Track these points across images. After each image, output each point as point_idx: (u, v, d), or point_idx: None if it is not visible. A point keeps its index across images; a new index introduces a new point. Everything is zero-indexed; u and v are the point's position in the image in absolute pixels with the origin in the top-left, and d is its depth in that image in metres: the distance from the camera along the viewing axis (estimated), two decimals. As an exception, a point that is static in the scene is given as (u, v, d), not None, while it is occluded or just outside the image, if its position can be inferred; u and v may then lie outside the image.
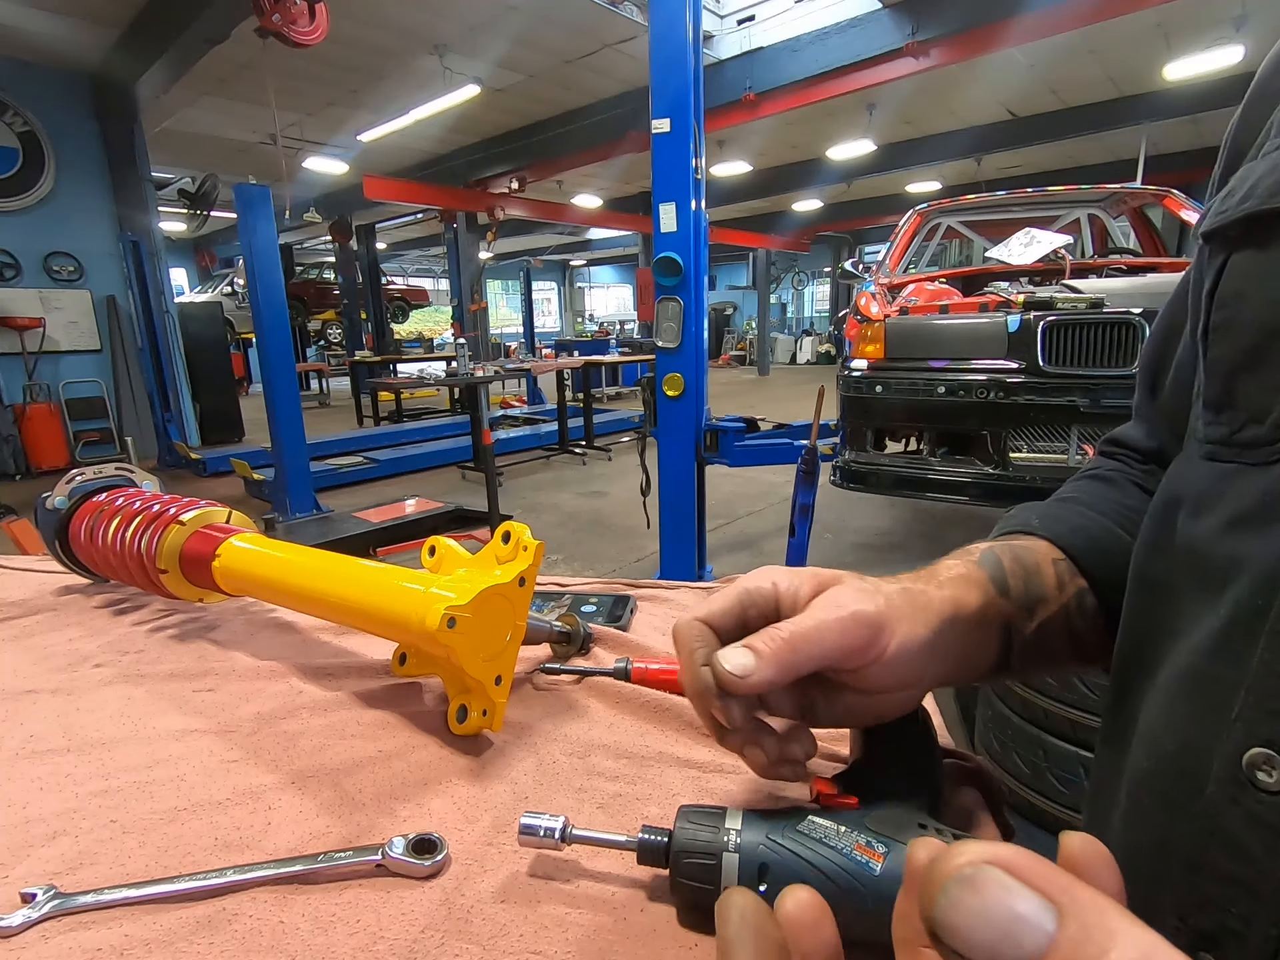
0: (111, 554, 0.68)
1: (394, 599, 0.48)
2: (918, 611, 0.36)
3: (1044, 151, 9.75)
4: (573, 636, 0.60)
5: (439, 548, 0.52)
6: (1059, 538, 0.41)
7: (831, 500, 3.62)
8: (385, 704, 0.53)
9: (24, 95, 6.11)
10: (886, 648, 0.34)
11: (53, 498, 0.75)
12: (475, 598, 0.44)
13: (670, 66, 2.48)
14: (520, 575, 0.47)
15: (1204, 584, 0.30)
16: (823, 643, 0.33)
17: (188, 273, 16.18)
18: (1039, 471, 2.29)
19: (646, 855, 0.33)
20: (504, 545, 0.49)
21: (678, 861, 0.32)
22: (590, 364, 7.30)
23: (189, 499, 0.72)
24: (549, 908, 0.34)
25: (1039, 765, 1.54)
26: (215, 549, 0.62)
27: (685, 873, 0.32)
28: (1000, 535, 0.44)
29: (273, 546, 0.61)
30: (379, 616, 0.49)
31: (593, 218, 13.29)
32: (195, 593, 0.67)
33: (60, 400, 6.48)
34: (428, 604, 0.45)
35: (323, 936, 0.32)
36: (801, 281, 21.24)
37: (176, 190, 7.89)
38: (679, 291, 2.64)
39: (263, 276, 4.23)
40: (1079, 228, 3.78)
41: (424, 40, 6.24)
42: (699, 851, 0.32)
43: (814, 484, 2.48)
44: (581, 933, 0.33)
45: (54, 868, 0.36)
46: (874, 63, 5.83)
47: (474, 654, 0.45)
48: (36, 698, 0.54)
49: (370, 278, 12.50)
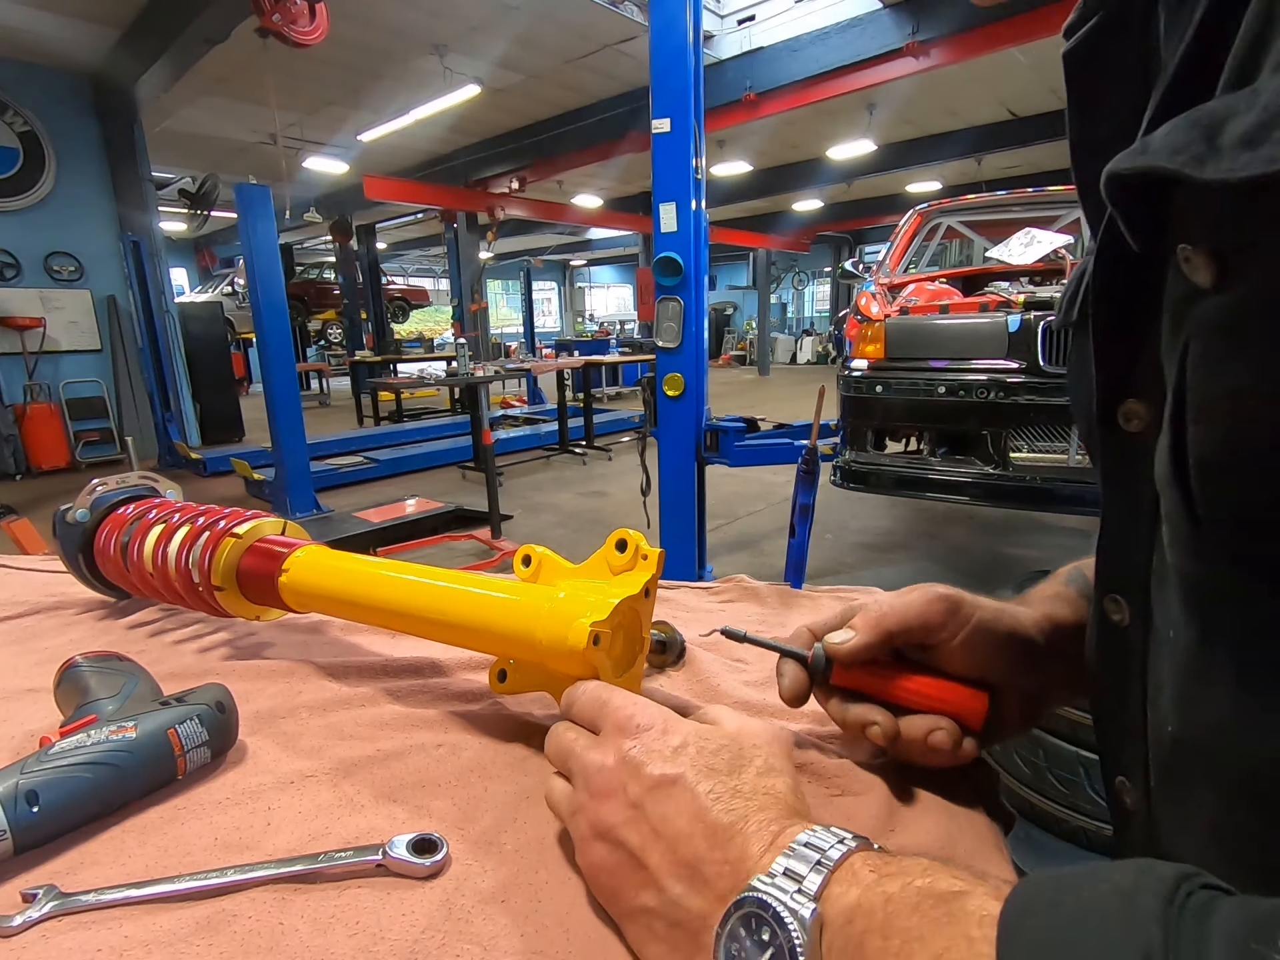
0: (150, 571, 0.64)
1: (518, 615, 0.45)
2: (1002, 614, 0.42)
3: (1044, 151, 9.73)
4: (669, 645, 0.57)
5: (534, 556, 0.49)
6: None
7: (832, 500, 3.62)
8: (385, 704, 0.53)
9: (24, 95, 6.11)
10: (963, 626, 0.40)
11: (73, 510, 0.69)
12: (614, 611, 0.42)
13: (670, 66, 2.48)
14: (645, 586, 0.45)
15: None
16: (905, 614, 0.41)
17: (188, 272, 16.18)
18: (1039, 471, 2.29)
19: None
20: (619, 554, 0.46)
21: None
22: (590, 364, 7.31)
23: (233, 509, 0.66)
24: (550, 907, 0.34)
25: (1039, 765, 1.54)
26: (280, 564, 0.58)
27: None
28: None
29: (346, 559, 0.57)
30: (498, 633, 0.46)
31: (593, 218, 13.30)
32: (253, 610, 0.63)
33: (60, 400, 6.48)
34: (568, 620, 0.42)
35: (322, 937, 0.32)
36: (802, 281, 21.24)
37: (177, 190, 7.90)
38: (679, 291, 2.64)
39: (263, 276, 4.23)
40: (1079, 228, 3.78)
41: (424, 40, 6.24)
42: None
43: (814, 484, 2.48)
44: (583, 932, 0.33)
45: (54, 868, 0.36)
46: (874, 63, 5.82)
47: (613, 672, 0.43)
48: (37, 697, 0.54)
49: (370, 278, 12.50)
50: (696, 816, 0.30)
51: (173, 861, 0.37)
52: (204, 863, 0.37)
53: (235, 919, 0.33)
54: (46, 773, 0.37)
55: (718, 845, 0.29)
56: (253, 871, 0.35)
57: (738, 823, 0.29)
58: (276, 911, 0.34)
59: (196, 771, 0.44)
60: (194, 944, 0.32)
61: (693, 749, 0.32)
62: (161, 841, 0.38)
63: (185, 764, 0.42)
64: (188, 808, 0.41)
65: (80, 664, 0.48)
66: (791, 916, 0.25)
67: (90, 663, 0.48)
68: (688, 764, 0.32)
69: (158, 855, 0.37)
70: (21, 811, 0.35)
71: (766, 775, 0.32)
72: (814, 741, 0.48)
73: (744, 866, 0.28)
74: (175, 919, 0.33)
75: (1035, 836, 1.51)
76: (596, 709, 0.37)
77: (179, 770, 0.42)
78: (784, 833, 0.28)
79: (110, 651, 0.50)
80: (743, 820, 0.29)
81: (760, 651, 0.62)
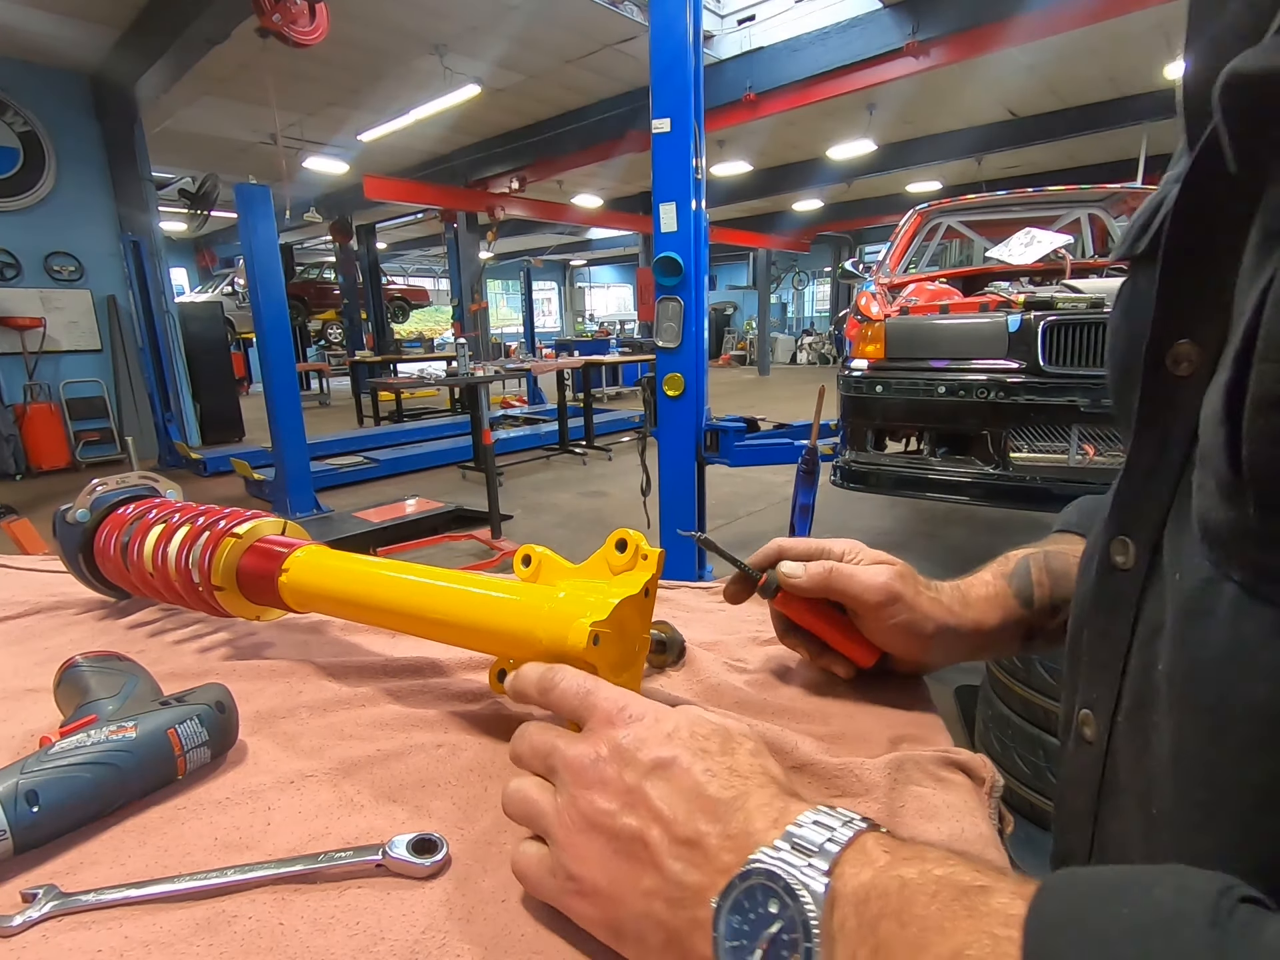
0: (150, 571, 0.63)
1: (519, 615, 0.45)
2: (928, 620, 0.50)
3: (1044, 151, 9.75)
4: (669, 645, 0.57)
5: (534, 556, 0.49)
6: (1088, 532, 0.43)
7: (831, 500, 3.61)
8: (385, 704, 0.53)
9: (24, 95, 6.11)
10: (887, 620, 0.50)
11: (73, 510, 0.69)
12: (614, 611, 0.42)
13: (670, 66, 2.48)
14: (645, 585, 0.45)
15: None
16: (849, 585, 0.50)
17: (188, 272, 16.18)
18: (1039, 471, 2.29)
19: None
20: (619, 554, 0.46)
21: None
22: (590, 364, 7.31)
23: (233, 509, 0.66)
24: (550, 907, 0.34)
25: (1039, 765, 1.54)
26: (280, 564, 0.57)
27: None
28: (1055, 531, 0.55)
29: (346, 559, 0.57)
30: (498, 633, 0.46)
31: (593, 218, 13.30)
32: (253, 610, 0.63)
33: (61, 400, 6.49)
34: (568, 620, 0.42)
35: (322, 938, 0.32)
36: (802, 281, 21.25)
37: (177, 190, 7.90)
38: (679, 291, 2.64)
39: (263, 276, 4.23)
40: (1079, 227, 3.78)
41: (424, 40, 6.24)
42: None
43: (814, 484, 2.48)
44: (584, 932, 0.33)
45: (54, 868, 0.36)
46: (874, 62, 5.83)
47: (612, 672, 0.43)
48: (37, 697, 0.54)
49: (370, 278, 12.50)
50: (695, 793, 0.30)
51: (173, 861, 0.37)
52: (204, 863, 0.37)
53: (235, 919, 0.33)
54: (46, 773, 0.37)
55: (718, 819, 0.29)
56: (253, 871, 0.35)
57: (738, 799, 0.29)
58: (276, 912, 0.34)
59: (196, 771, 0.44)
60: (194, 944, 0.32)
61: (685, 733, 0.32)
62: (161, 841, 0.38)
63: (185, 764, 0.42)
64: (188, 808, 0.41)
65: (80, 664, 0.48)
66: (804, 889, 0.24)
67: (90, 663, 0.48)
68: (682, 746, 0.31)
69: (158, 855, 0.37)
70: (21, 811, 0.35)
71: (759, 755, 0.32)
72: (814, 742, 0.48)
73: (748, 841, 0.27)
74: (175, 919, 0.33)
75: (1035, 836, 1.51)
76: (580, 699, 0.36)
77: (179, 770, 0.42)
78: (788, 809, 0.28)
79: (110, 651, 0.50)
80: (743, 796, 0.29)
81: (761, 650, 0.63)
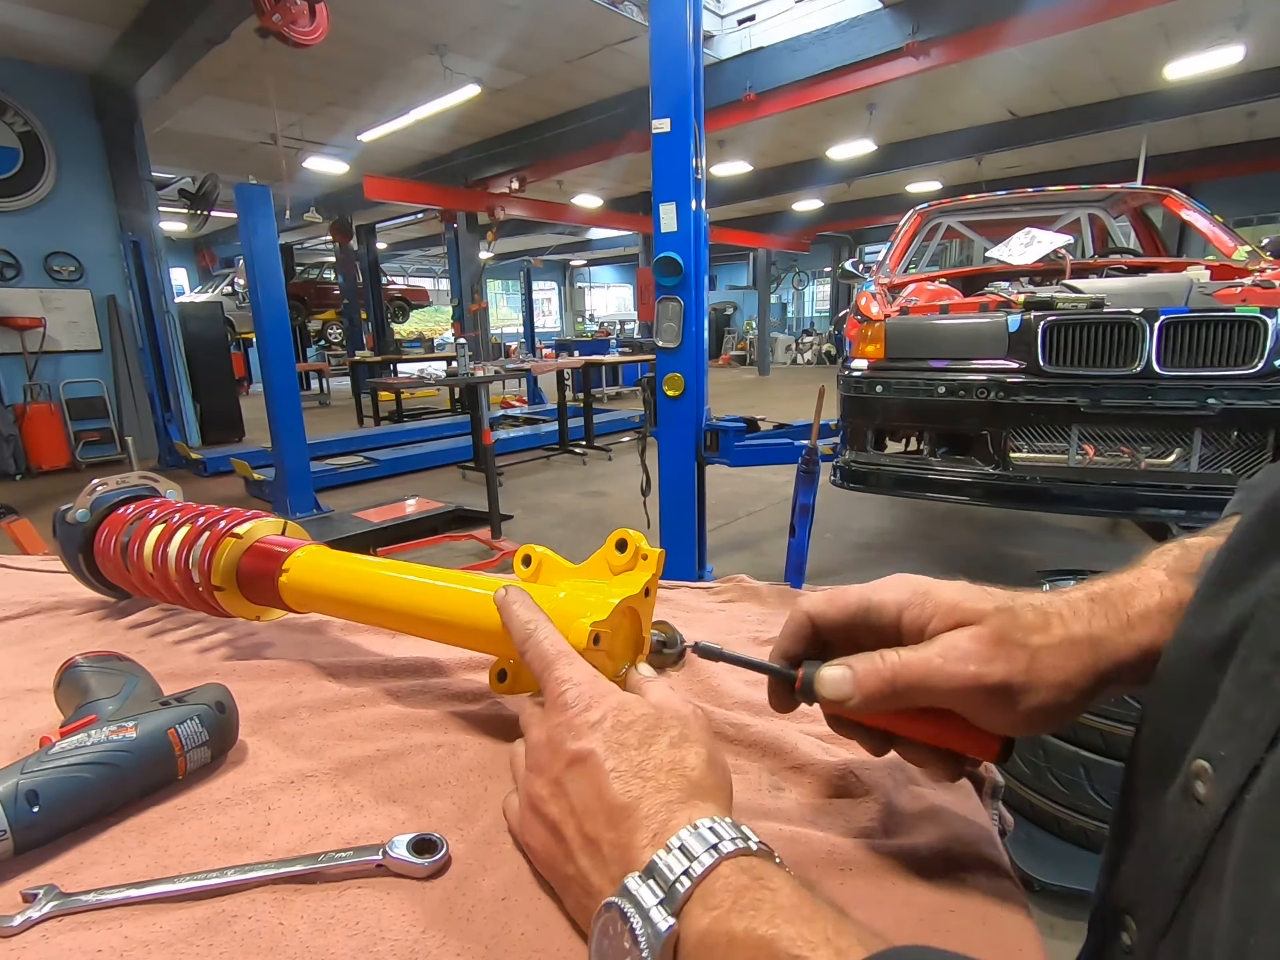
0: (150, 571, 0.63)
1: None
2: (1068, 666, 0.31)
3: (1044, 151, 9.75)
4: (669, 645, 0.57)
5: (534, 556, 0.49)
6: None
7: (832, 500, 3.61)
8: (385, 704, 0.53)
9: (24, 95, 6.11)
10: (1013, 711, 0.31)
11: (73, 510, 0.69)
12: (614, 611, 0.42)
13: (670, 66, 2.48)
14: (645, 585, 0.45)
15: None
16: (927, 690, 0.31)
17: (188, 272, 16.17)
18: (1039, 471, 2.29)
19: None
20: (619, 554, 0.46)
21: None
22: (590, 364, 7.31)
23: (233, 509, 0.66)
24: (550, 906, 0.34)
25: (1039, 765, 1.54)
26: (280, 564, 0.57)
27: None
28: (1226, 515, 0.38)
29: (346, 559, 0.57)
30: (498, 633, 0.45)
31: (593, 218, 13.29)
32: (253, 610, 0.62)
33: (60, 400, 6.48)
34: (568, 620, 0.42)
35: (322, 938, 0.32)
36: (802, 281, 21.24)
37: (177, 190, 7.91)
38: (679, 291, 2.64)
39: (263, 276, 4.23)
40: (1079, 228, 3.78)
41: (424, 40, 6.24)
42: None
43: (814, 484, 2.48)
44: (583, 932, 0.33)
45: (54, 868, 0.36)
46: (874, 63, 5.82)
47: (612, 672, 0.43)
48: (37, 697, 0.54)
49: (370, 278, 12.50)
50: (600, 794, 0.31)
51: (173, 861, 0.37)
52: (204, 863, 0.37)
53: (235, 919, 0.33)
54: (47, 773, 0.37)
55: (613, 825, 0.30)
56: (253, 872, 0.35)
57: (631, 805, 0.30)
58: (276, 912, 0.34)
59: (196, 771, 0.44)
60: (194, 944, 0.32)
61: (608, 723, 0.33)
62: (161, 841, 0.38)
63: (185, 764, 0.42)
64: (188, 808, 0.41)
65: (80, 664, 0.48)
66: (645, 936, 0.26)
67: (90, 663, 0.48)
68: (600, 740, 0.33)
69: (158, 855, 0.37)
70: (21, 811, 0.35)
71: (679, 746, 0.33)
72: (814, 742, 0.48)
73: (629, 855, 0.29)
74: (175, 919, 0.33)
75: (1035, 836, 1.51)
76: (541, 671, 0.38)
77: (179, 770, 0.42)
78: (670, 823, 0.29)
79: (110, 651, 0.50)
80: (636, 803, 0.30)
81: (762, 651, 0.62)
